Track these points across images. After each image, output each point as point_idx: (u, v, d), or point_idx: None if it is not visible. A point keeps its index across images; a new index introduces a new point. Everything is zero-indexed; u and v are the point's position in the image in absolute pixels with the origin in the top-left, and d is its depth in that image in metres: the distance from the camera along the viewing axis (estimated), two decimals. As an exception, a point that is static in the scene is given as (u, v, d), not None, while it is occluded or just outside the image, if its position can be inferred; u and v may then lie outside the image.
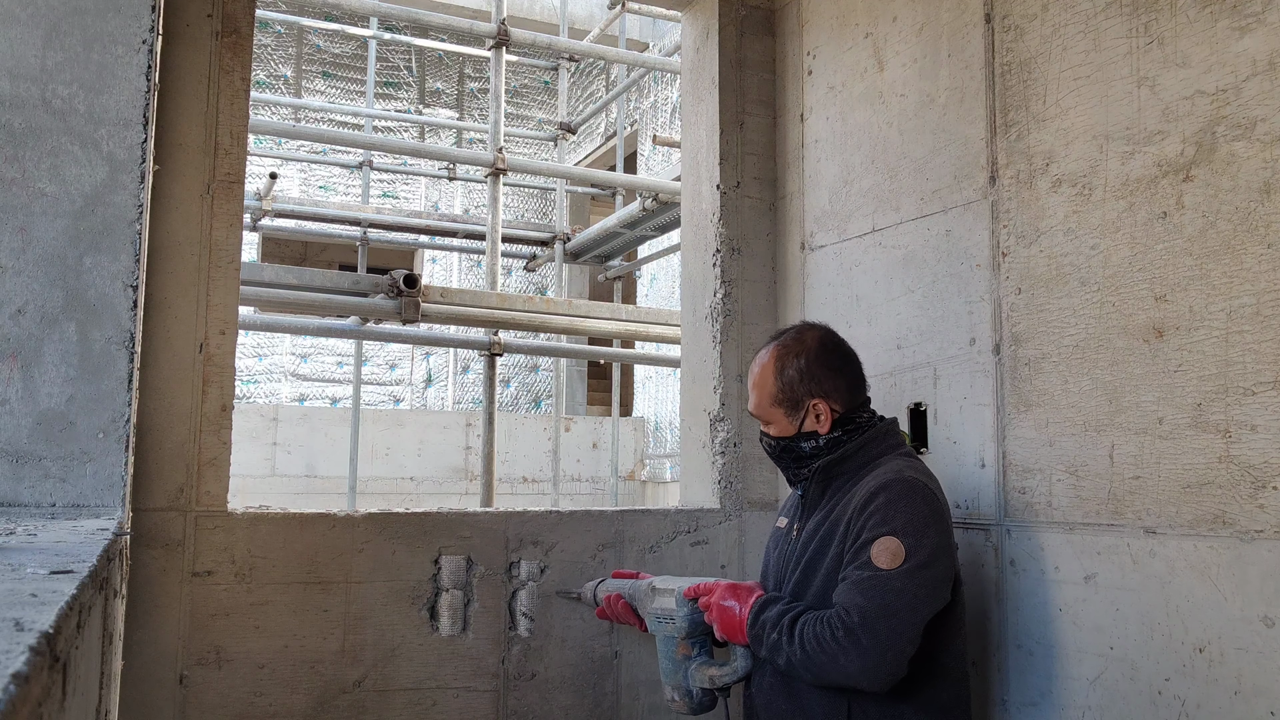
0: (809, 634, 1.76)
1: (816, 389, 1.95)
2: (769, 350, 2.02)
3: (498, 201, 6.05)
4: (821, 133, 2.77)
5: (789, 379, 1.96)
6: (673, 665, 2.03)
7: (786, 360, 1.97)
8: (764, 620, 1.85)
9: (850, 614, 1.72)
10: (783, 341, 2.02)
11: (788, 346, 1.99)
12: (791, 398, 1.96)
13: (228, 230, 2.28)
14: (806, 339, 2.00)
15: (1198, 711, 1.75)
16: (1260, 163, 1.72)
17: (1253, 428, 1.70)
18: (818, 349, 1.97)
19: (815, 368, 1.95)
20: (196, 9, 2.28)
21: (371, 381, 11.77)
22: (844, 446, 1.95)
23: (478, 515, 2.48)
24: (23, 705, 0.52)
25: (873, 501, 1.81)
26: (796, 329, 2.05)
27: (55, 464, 1.66)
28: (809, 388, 1.95)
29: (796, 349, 1.98)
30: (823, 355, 1.97)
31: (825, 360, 1.96)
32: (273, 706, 2.23)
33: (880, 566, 1.74)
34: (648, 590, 2.11)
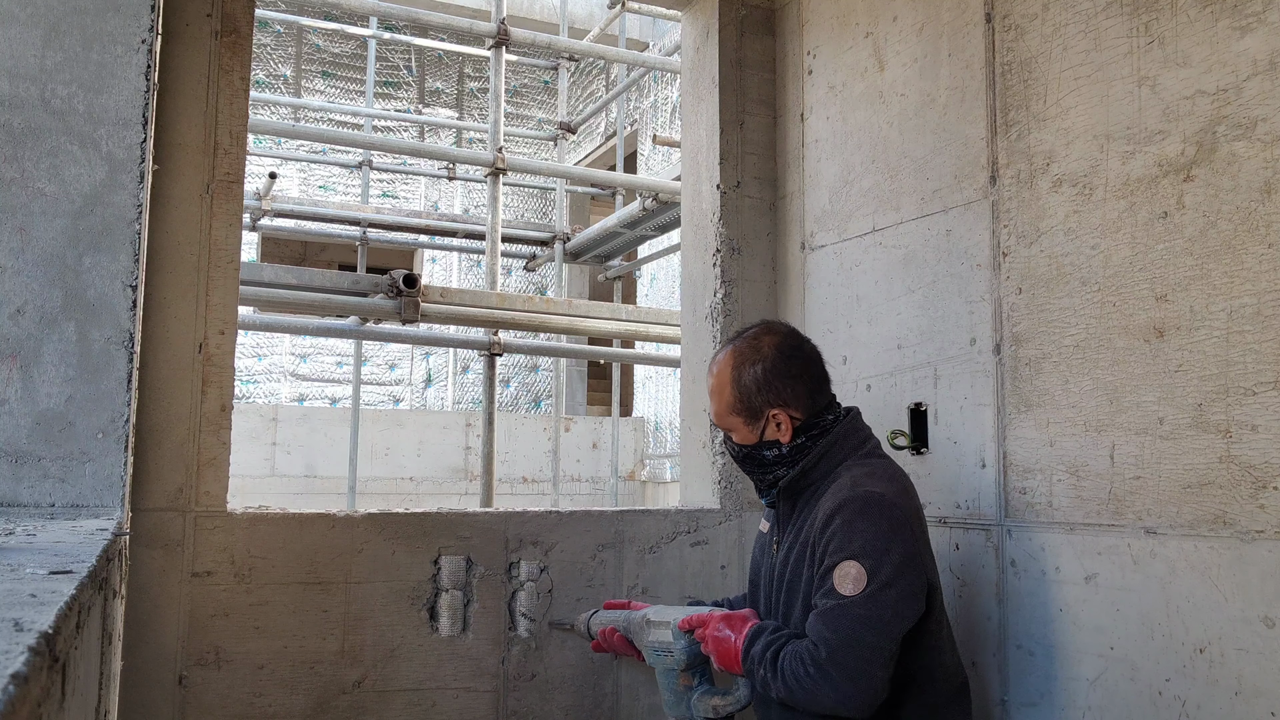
0: (788, 669, 1.75)
1: (775, 399, 1.89)
2: (725, 355, 1.96)
3: (497, 201, 6.04)
4: (822, 132, 2.77)
5: (746, 388, 1.90)
6: (675, 697, 2.02)
7: (743, 368, 1.92)
8: (753, 655, 1.83)
9: (819, 648, 1.71)
10: (738, 347, 1.95)
11: (743, 354, 1.93)
12: (750, 407, 1.90)
13: (227, 230, 2.27)
14: (763, 345, 1.93)
15: (1198, 712, 1.75)
16: (1261, 162, 1.72)
17: (1253, 428, 1.70)
18: (774, 356, 1.91)
19: (772, 377, 1.89)
20: (196, 8, 2.28)
21: (371, 381, 11.77)
22: (806, 456, 1.90)
23: (477, 515, 2.48)
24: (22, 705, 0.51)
25: (831, 523, 1.77)
26: (754, 332, 1.97)
27: (54, 464, 1.66)
28: (767, 398, 1.89)
29: (753, 356, 1.92)
30: (779, 363, 1.90)
31: (783, 368, 1.90)
32: (272, 707, 2.23)
33: (843, 594, 1.71)
34: (642, 623, 2.09)
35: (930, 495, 2.33)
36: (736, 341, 1.98)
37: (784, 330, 1.99)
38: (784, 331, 1.98)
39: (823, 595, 1.75)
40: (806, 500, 1.92)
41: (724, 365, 1.95)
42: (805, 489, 1.92)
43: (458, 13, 9.87)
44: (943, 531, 2.29)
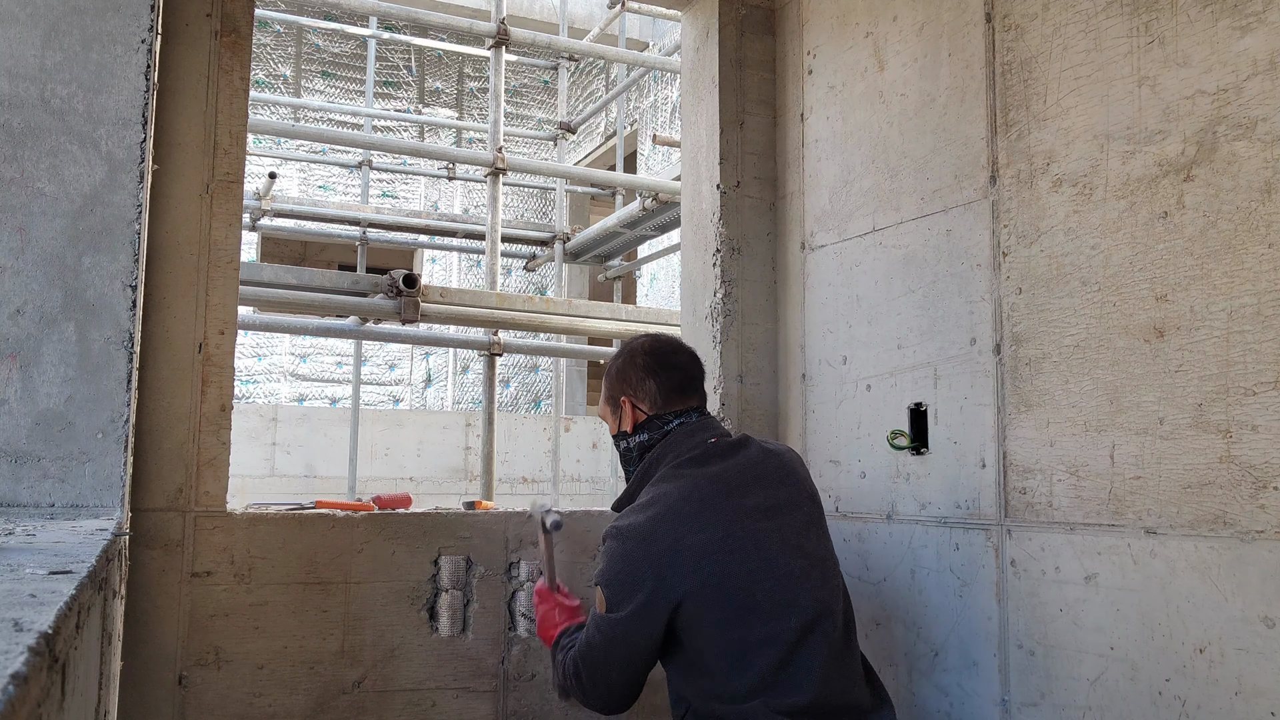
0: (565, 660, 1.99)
1: (626, 388, 2.06)
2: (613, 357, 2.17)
3: (497, 201, 6.04)
4: (822, 132, 2.77)
5: (611, 377, 2.10)
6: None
7: (615, 361, 2.11)
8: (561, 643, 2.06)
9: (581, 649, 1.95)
10: (621, 349, 2.14)
11: (621, 352, 2.12)
12: (612, 395, 2.09)
13: (227, 230, 2.27)
14: (636, 344, 2.11)
15: (1198, 712, 1.75)
16: (1261, 162, 1.72)
17: (1254, 428, 1.70)
18: (639, 352, 2.07)
19: (628, 369, 2.06)
20: (195, 8, 2.28)
21: (371, 381, 11.76)
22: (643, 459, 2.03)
23: (477, 515, 2.48)
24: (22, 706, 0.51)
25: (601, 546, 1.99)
26: (637, 337, 2.15)
27: (54, 464, 1.66)
28: (621, 387, 2.07)
29: (626, 352, 2.10)
30: (640, 358, 2.06)
31: (641, 363, 2.06)
32: (272, 707, 2.23)
33: (595, 609, 1.93)
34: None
35: (930, 495, 2.33)
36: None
37: (667, 339, 2.15)
38: (664, 339, 2.15)
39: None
40: None
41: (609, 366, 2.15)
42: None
43: (458, 13, 9.87)
44: (943, 531, 2.29)
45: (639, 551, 1.85)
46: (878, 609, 2.47)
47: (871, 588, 2.48)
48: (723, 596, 1.81)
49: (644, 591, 1.82)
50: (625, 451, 2.08)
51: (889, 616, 2.43)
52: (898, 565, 2.41)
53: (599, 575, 1.91)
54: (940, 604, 2.29)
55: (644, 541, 1.85)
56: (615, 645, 1.87)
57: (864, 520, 2.51)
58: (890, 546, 2.44)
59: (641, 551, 1.84)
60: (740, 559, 1.83)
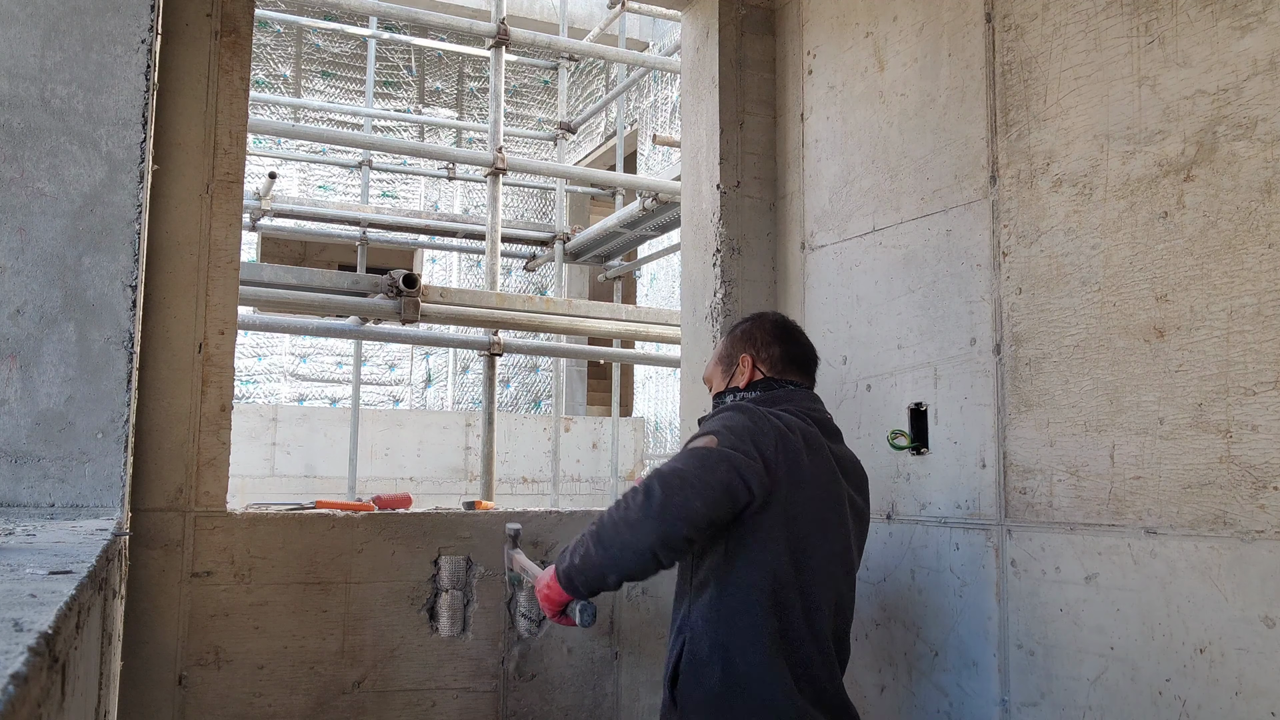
0: (612, 503, 1.81)
1: (749, 347, 2.06)
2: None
3: (497, 201, 6.04)
4: (822, 132, 2.77)
5: (734, 339, 2.10)
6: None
7: (742, 324, 2.12)
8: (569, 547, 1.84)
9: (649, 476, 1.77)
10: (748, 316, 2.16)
11: (748, 318, 2.14)
12: (730, 355, 2.08)
13: (227, 230, 2.27)
14: (766, 313, 2.15)
15: (1199, 712, 1.75)
16: (1261, 162, 1.71)
17: (1253, 428, 1.70)
18: (769, 322, 2.09)
19: (757, 332, 2.08)
20: (195, 8, 2.28)
21: (371, 381, 11.76)
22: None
23: (477, 515, 2.48)
24: (22, 705, 0.51)
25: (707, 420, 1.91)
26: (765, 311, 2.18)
27: (54, 464, 1.66)
28: (744, 346, 2.07)
29: (755, 315, 2.13)
30: (769, 326, 2.08)
31: (770, 329, 2.07)
32: (272, 707, 2.23)
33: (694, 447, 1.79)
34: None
35: (930, 495, 2.33)
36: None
37: (785, 317, 2.15)
38: (786, 318, 2.15)
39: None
40: None
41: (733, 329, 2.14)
42: None
43: (458, 13, 9.87)
44: (943, 531, 2.29)
45: (770, 430, 1.79)
46: (877, 609, 2.47)
47: (871, 588, 2.48)
48: (802, 524, 1.80)
49: (762, 457, 1.75)
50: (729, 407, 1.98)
51: (889, 616, 2.43)
52: (897, 565, 2.41)
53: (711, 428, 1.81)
54: (940, 604, 2.29)
55: (776, 430, 1.80)
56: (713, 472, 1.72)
57: (864, 520, 2.51)
58: (890, 546, 2.44)
59: (772, 432, 1.79)
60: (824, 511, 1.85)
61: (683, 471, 1.72)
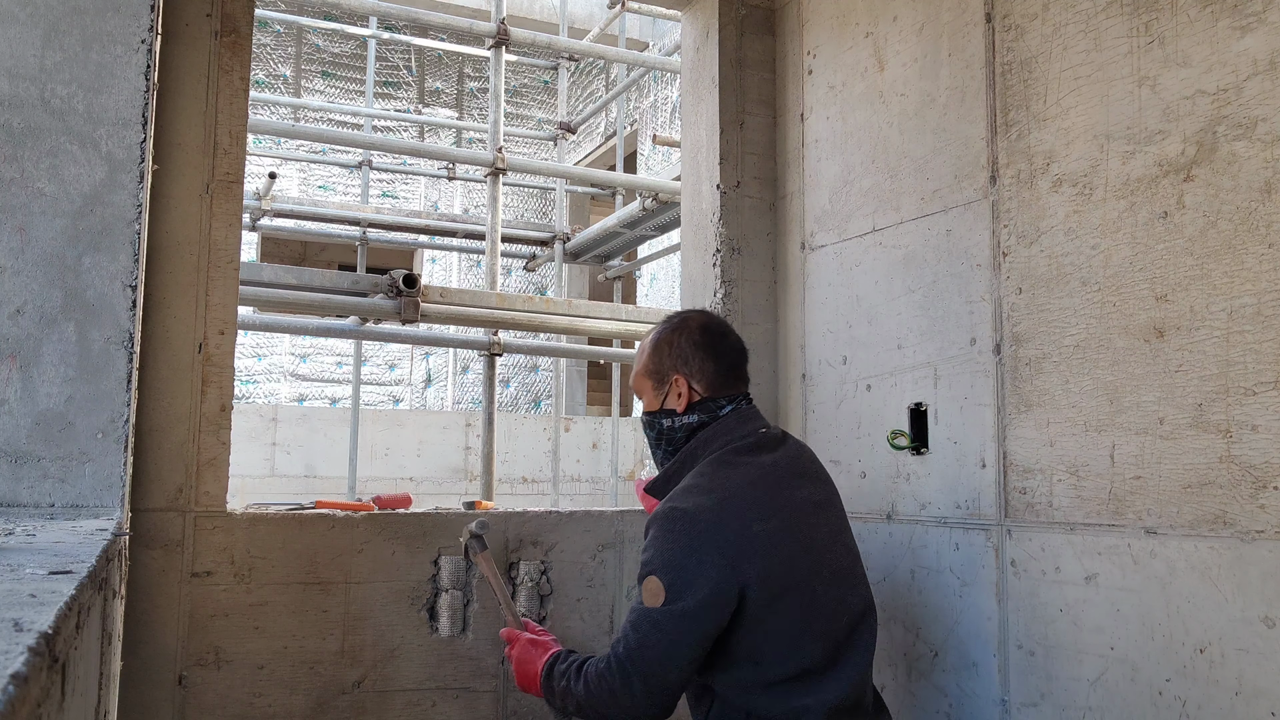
0: (592, 672, 1.80)
1: (681, 365, 1.95)
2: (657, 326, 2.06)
3: (497, 201, 6.04)
4: (822, 132, 2.77)
5: (660, 350, 1.98)
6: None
7: (664, 334, 2.00)
8: (556, 671, 1.89)
9: (620, 646, 1.77)
10: (669, 319, 2.04)
11: (670, 323, 2.02)
12: (659, 370, 1.97)
13: (227, 230, 2.27)
14: (689, 316, 2.03)
15: (1199, 712, 1.75)
16: (1261, 162, 1.72)
17: (1254, 428, 1.70)
18: (696, 329, 1.98)
19: (685, 345, 1.96)
20: (195, 8, 2.28)
21: (371, 381, 11.76)
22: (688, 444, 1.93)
23: (477, 516, 2.48)
24: (22, 706, 0.51)
25: (647, 534, 1.82)
26: (687, 310, 2.08)
27: (54, 464, 1.66)
28: (674, 363, 1.96)
29: (678, 325, 2.00)
30: (697, 335, 1.97)
31: (699, 340, 1.96)
32: (272, 707, 2.23)
33: (644, 603, 1.76)
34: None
35: (930, 495, 2.33)
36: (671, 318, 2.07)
37: (716, 316, 2.07)
38: (715, 316, 2.06)
39: (634, 602, 1.82)
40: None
41: (651, 332, 2.04)
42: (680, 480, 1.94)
43: (458, 13, 9.87)
44: (943, 531, 2.29)
45: (709, 535, 1.72)
46: (877, 609, 2.47)
47: (871, 588, 2.48)
48: (786, 588, 1.75)
49: (713, 579, 1.70)
50: (668, 431, 1.95)
51: (888, 617, 2.43)
52: (897, 565, 2.41)
53: (652, 563, 1.75)
54: (940, 604, 2.29)
55: (714, 525, 1.73)
56: (680, 642, 1.71)
57: (864, 520, 2.51)
58: (890, 546, 2.44)
59: (711, 535, 1.72)
60: (801, 551, 1.79)
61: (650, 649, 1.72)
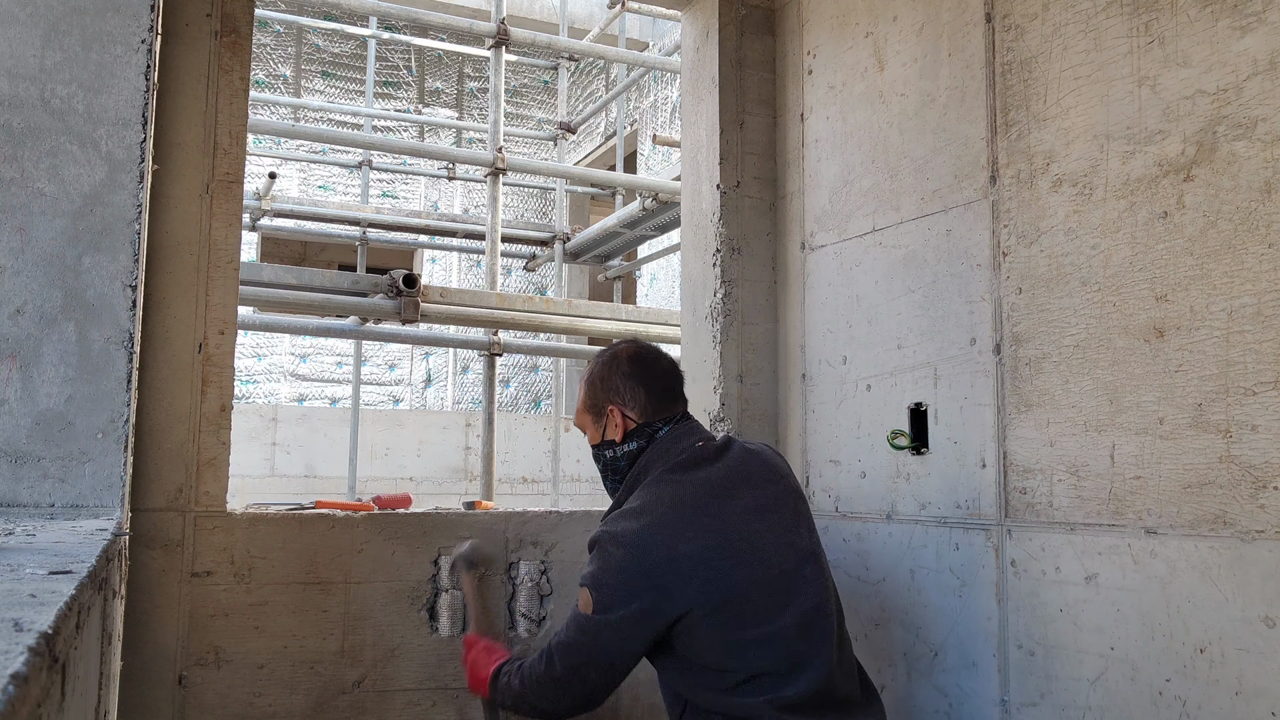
0: (527, 665, 1.92)
1: (614, 396, 2.01)
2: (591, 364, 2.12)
3: (497, 201, 6.04)
4: (822, 132, 2.77)
5: (593, 384, 2.05)
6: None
7: (596, 368, 2.06)
8: (503, 670, 1.98)
9: (553, 639, 1.88)
10: (601, 354, 2.10)
11: (602, 357, 2.08)
12: (595, 404, 2.04)
13: (227, 230, 2.27)
14: (619, 351, 2.08)
15: (1199, 712, 1.75)
16: (1261, 162, 1.72)
17: (1254, 428, 1.70)
18: (624, 359, 2.04)
19: (614, 376, 2.02)
20: (195, 8, 2.28)
21: (371, 381, 11.76)
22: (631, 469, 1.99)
23: (477, 516, 2.48)
24: (22, 706, 0.51)
25: (589, 551, 1.91)
26: (618, 343, 2.13)
27: (54, 464, 1.66)
28: (608, 395, 2.02)
29: (608, 358, 2.06)
30: (625, 365, 2.03)
31: (626, 369, 2.02)
32: (272, 707, 2.23)
33: (578, 608, 1.86)
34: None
35: (930, 495, 2.33)
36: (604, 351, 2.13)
37: (646, 345, 2.11)
38: (645, 345, 2.11)
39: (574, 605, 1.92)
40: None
41: (588, 368, 2.10)
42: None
43: (458, 13, 9.87)
44: (943, 531, 2.29)
45: (633, 560, 1.81)
46: (877, 609, 2.47)
47: (871, 588, 2.48)
48: (720, 602, 1.80)
49: (639, 600, 1.79)
50: (612, 461, 2.03)
51: (888, 617, 2.43)
52: (897, 565, 2.41)
53: (588, 577, 1.86)
54: (940, 604, 2.29)
55: (637, 549, 1.81)
56: (601, 647, 1.82)
57: (864, 520, 2.51)
58: (890, 546, 2.44)
59: (635, 560, 1.80)
60: (735, 563, 1.82)
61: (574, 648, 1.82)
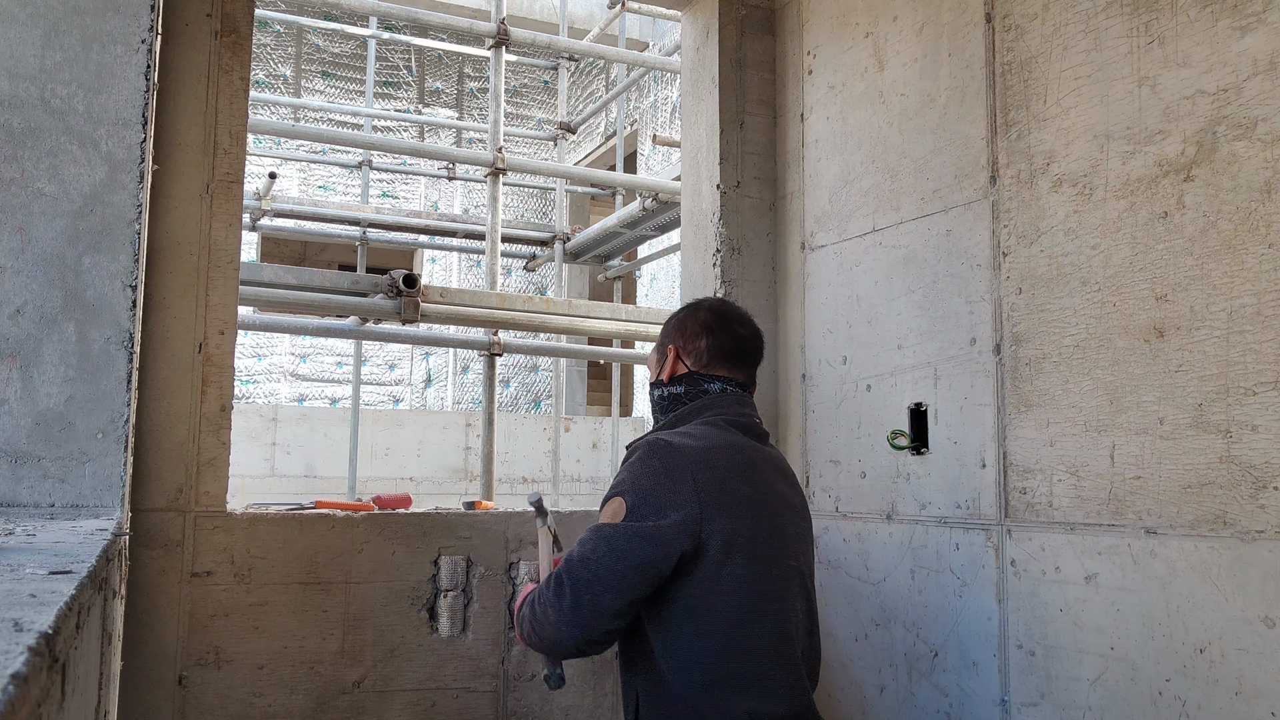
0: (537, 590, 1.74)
1: (677, 338, 1.96)
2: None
3: (497, 201, 6.04)
4: (822, 132, 2.77)
5: (668, 325, 2.01)
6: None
7: (683, 309, 2.02)
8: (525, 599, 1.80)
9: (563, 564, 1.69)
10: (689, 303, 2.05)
11: (689, 304, 2.04)
12: (663, 342, 1.99)
13: (227, 230, 2.27)
14: (708, 299, 2.05)
15: (1198, 712, 1.75)
16: (1261, 162, 1.71)
17: (1253, 428, 1.70)
18: (707, 307, 1.99)
19: (687, 322, 1.97)
20: (196, 8, 2.28)
21: (371, 381, 11.76)
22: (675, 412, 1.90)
23: (477, 516, 2.48)
24: (22, 706, 0.51)
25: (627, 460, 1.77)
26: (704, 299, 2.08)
27: (54, 464, 1.66)
28: (672, 336, 1.97)
29: (695, 302, 2.03)
30: (700, 315, 1.97)
31: (700, 319, 1.96)
32: (272, 707, 2.23)
33: (601, 521, 1.70)
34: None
35: (930, 495, 2.33)
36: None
37: (737, 306, 2.03)
38: (735, 306, 2.03)
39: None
40: None
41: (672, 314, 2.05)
42: None
43: (458, 13, 9.87)
44: (943, 531, 2.29)
45: (689, 471, 1.68)
46: (877, 609, 2.47)
47: (871, 588, 2.48)
48: (751, 555, 1.69)
49: (680, 510, 1.65)
50: (659, 400, 1.95)
51: (888, 617, 2.43)
52: (897, 565, 2.41)
53: (622, 485, 1.70)
54: (940, 604, 2.29)
55: (697, 464, 1.69)
56: (622, 559, 1.63)
57: (864, 520, 2.51)
58: (890, 546, 2.44)
59: (691, 471, 1.68)
60: (770, 529, 1.74)
61: (593, 563, 1.64)
